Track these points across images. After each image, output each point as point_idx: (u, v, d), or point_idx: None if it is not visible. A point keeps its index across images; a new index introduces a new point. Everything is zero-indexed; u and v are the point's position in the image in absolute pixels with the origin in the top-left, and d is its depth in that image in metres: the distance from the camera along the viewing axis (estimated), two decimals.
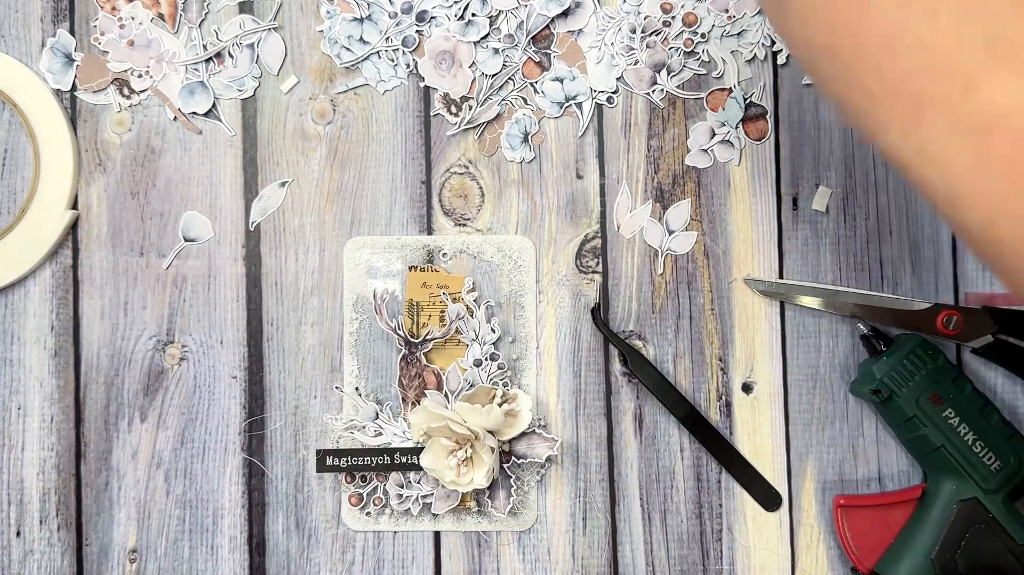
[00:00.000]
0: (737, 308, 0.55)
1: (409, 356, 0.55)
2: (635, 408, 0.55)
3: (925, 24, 0.33)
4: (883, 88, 0.34)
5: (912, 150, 0.34)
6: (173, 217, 0.56)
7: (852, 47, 0.34)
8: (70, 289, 0.56)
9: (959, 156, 0.32)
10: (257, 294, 0.56)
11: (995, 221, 0.33)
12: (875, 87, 0.34)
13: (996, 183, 0.32)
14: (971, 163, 0.32)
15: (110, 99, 0.56)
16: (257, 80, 0.56)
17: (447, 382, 0.54)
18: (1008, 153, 0.32)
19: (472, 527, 0.54)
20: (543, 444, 0.53)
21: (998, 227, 0.33)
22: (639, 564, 0.55)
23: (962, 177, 0.33)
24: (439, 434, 0.52)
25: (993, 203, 0.32)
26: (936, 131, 0.33)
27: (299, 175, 0.56)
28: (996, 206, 0.32)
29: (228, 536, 0.55)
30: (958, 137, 0.32)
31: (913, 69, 0.33)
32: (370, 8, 0.55)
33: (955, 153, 0.32)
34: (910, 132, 0.34)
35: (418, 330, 0.54)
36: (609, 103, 0.56)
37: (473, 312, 0.54)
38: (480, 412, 0.51)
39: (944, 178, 0.33)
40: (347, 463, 0.54)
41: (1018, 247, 0.33)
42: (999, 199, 0.32)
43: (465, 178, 0.56)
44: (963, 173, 0.33)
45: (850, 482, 0.55)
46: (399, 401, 0.55)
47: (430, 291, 0.55)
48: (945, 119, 0.33)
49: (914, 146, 0.34)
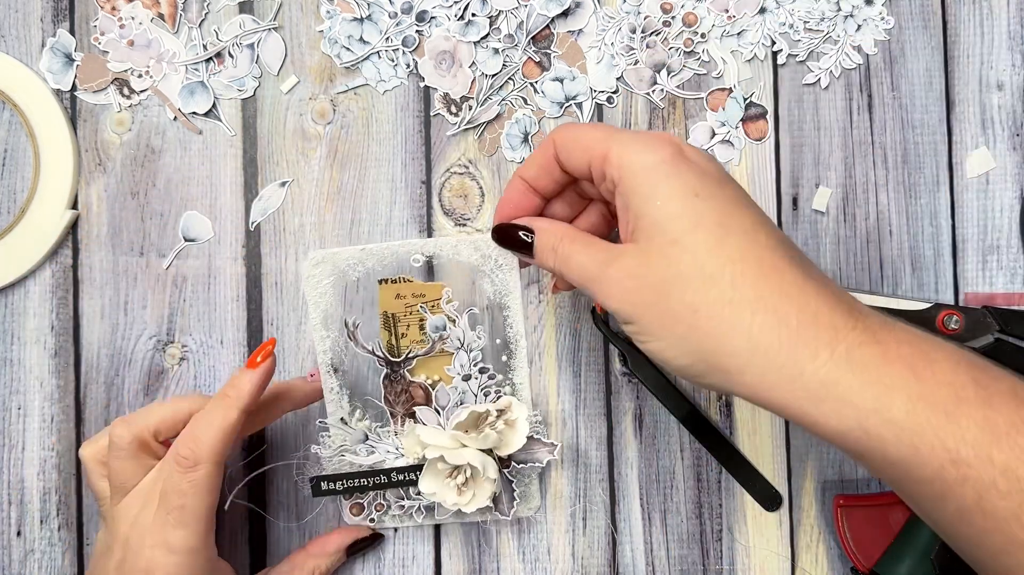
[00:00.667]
0: None
1: (392, 375, 0.53)
2: (635, 408, 0.55)
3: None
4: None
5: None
6: (173, 217, 0.56)
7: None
8: (70, 289, 0.56)
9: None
10: (257, 294, 0.56)
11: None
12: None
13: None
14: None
15: (110, 99, 0.56)
16: (257, 80, 0.56)
17: (437, 399, 0.53)
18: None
19: (473, 518, 0.54)
20: (543, 449, 0.53)
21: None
22: (639, 564, 0.55)
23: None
24: (436, 461, 0.50)
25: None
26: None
27: (299, 175, 0.56)
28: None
29: (228, 536, 0.55)
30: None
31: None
32: (370, 8, 0.55)
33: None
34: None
35: (398, 343, 0.52)
36: (609, 103, 0.56)
37: (456, 321, 0.52)
38: (475, 439, 0.50)
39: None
40: (343, 486, 0.52)
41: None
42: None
43: (465, 178, 0.56)
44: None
45: (850, 482, 0.55)
46: (388, 417, 0.53)
47: (405, 301, 0.52)
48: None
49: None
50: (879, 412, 0.36)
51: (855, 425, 0.36)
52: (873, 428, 0.36)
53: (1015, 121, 0.56)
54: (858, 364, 0.37)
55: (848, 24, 0.55)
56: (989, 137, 0.56)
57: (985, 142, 0.56)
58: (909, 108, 0.56)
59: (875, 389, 0.36)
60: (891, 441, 0.36)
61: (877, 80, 0.56)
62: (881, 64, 0.56)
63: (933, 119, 0.56)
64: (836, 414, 0.36)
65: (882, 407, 0.36)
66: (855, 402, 0.36)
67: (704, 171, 0.40)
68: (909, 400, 0.36)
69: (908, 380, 0.36)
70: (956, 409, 0.35)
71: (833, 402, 0.36)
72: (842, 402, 0.36)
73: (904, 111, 0.56)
